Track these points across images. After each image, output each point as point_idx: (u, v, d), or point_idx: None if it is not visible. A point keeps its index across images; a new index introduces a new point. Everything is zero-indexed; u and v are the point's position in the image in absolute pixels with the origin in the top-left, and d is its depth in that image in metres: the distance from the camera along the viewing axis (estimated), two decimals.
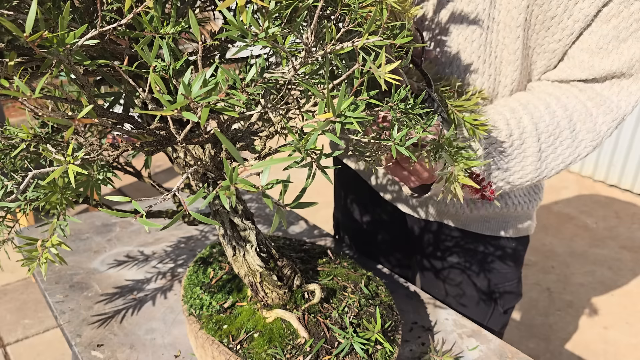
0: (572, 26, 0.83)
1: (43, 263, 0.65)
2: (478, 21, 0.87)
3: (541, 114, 0.86)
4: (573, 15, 0.82)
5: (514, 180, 0.89)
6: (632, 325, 2.50)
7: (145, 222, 0.42)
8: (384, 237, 1.28)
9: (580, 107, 0.87)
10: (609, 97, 0.87)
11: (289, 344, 0.73)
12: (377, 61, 0.51)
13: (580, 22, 0.82)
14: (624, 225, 3.41)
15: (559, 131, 0.87)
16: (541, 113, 0.86)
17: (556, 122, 0.86)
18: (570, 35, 0.84)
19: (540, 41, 0.87)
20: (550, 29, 0.85)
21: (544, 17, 0.84)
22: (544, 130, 0.86)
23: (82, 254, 1.19)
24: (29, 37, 0.38)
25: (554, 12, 0.83)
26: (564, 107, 0.87)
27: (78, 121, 0.43)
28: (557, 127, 0.86)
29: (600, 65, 0.85)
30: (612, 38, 0.82)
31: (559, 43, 0.86)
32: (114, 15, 0.52)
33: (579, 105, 0.87)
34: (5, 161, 0.69)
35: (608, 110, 0.87)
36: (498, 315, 1.18)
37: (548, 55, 0.89)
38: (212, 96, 0.43)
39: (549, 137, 0.86)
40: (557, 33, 0.85)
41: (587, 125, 0.87)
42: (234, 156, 0.44)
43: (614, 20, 0.81)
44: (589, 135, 0.88)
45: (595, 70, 0.85)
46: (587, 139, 0.88)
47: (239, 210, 0.76)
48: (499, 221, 1.11)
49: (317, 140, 0.47)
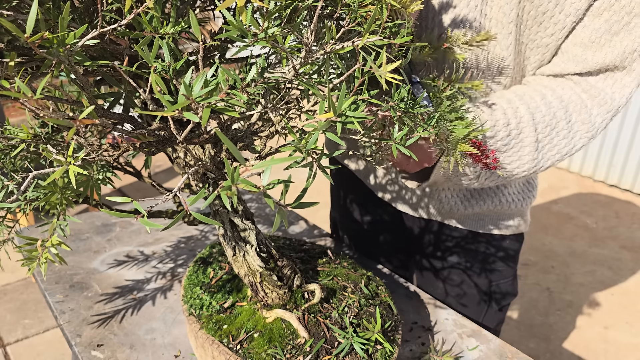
0: (564, 20, 0.84)
1: (43, 263, 0.65)
2: (469, 17, 0.87)
3: (537, 105, 0.87)
4: (565, 10, 0.83)
5: (511, 170, 0.89)
6: (632, 325, 2.50)
7: (146, 222, 0.42)
8: (383, 237, 1.28)
9: (576, 99, 0.88)
10: (603, 89, 0.88)
11: (289, 344, 0.73)
12: (377, 61, 0.51)
13: (572, 15, 0.83)
14: (624, 225, 3.41)
15: (555, 122, 0.87)
16: (537, 103, 0.87)
17: (552, 112, 0.87)
18: (562, 29, 0.85)
19: (532, 36, 0.88)
20: (543, 23, 0.85)
21: (535, 12, 0.85)
22: (540, 120, 0.86)
23: (82, 254, 1.19)
24: (30, 38, 0.38)
25: (546, 7, 0.83)
26: (559, 98, 0.87)
27: (79, 122, 0.43)
28: (553, 117, 0.87)
29: (593, 58, 0.85)
30: (605, 31, 0.83)
31: (552, 37, 0.86)
32: (114, 15, 0.52)
33: (574, 96, 0.88)
34: (5, 161, 0.69)
35: (602, 102, 0.88)
36: (493, 313, 1.18)
37: (541, 50, 0.89)
38: (213, 96, 0.43)
39: (545, 127, 0.87)
40: (549, 27, 0.86)
41: (582, 116, 0.88)
42: (235, 156, 0.44)
43: (605, 14, 0.82)
44: (584, 126, 0.88)
45: (588, 63, 0.86)
46: (582, 130, 0.89)
47: (239, 210, 0.76)
48: (494, 218, 1.11)
49: (318, 140, 0.47)
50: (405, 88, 0.61)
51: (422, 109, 0.62)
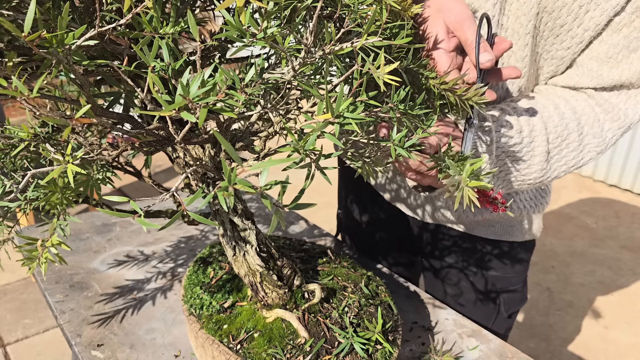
0: (581, 34, 0.82)
1: (43, 263, 0.65)
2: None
3: (550, 114, 0.85)
4: (583, 24, 0.81)
5: (521, 179, 0.88)
6: (632, 325, 2.50)
7: (143, 222, 0.42)
8: (385, 237, 1.27)
9: (589, 111, 0.86)
10: (617, 104, 0.86)
11: (289, 343, 0.73)
12: (376, 62, 0.51)
13: (590, 30, 0.81)
14: (624, 225, 3.41)
15: (567, 133, 0.85)
16: (550, 113, 0.85)
17: (565, 123, 0.85)
18: (579, 44, 0.83)
19: (548, 48, 0.86)
20: (560, 36, 0.84)
21: (553, 25, 0.83)
22: (552, 131, 0.84)
23: (82, 253, 1.19)
24: (28, 37, 0.38)
25: (564, 20, 0.82)
26: (572, 110, 0.86)
27: (76, 121, 0.43)
28: (565, 128, 0.85)
29: (609, 74, 0.83)
30: (623, 47, 0.81)
31: (568, 51, 0.85)
32: (113, 15, 0.52)
33: (588, 109, 0.86)
34: (5, 161, 0.69)
35: (616, 117, 0.86)
36: (502, 320, 1.17)
37: (556, 61, 0.87)
38: (210, 96, 0.43)
39: (556, 137, 0.85)
40: (566, 41, 0.84)
41: (594, 130, 0.86)
42: (232, 156, 0.45)
43: (625, 30, 0.80)
44: (594, 140, 0.87)
45: (604, 79, 0.84)
46: (592, 143, 0.87)
47: (239, 210, 0.76)
48: (504, 225, 1.09)
49: (316, 141, 0.47)
50: (404, 89, 0.60)
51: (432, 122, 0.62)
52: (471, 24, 0.68)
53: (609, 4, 0.78)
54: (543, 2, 0.81)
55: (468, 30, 0.68)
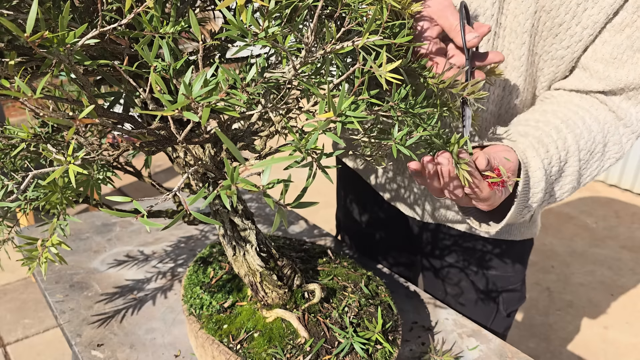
0: (580, 33, 0.82)
1: (43, 263, 0.65)
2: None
3: (581, 131, 0.84)
4: (581, 22, 0.81)
5: (550, 201, 0.86)
6: (632, 325, 2.50)
7: (146, 222, 0.42)
8: (385, 237, 1.27)
9: (610, 119, 0.86)
10: (628, 110, 0.86)
11: (289, 343, 0.73)
12: (377, 60, 0.51)
13: (589, 28, 0.81)
14: (624, 225, 3.42)
15: (594, 146, 0.85)
16: (580, 130, 0.84)
17: (593, 137, 0.84)
18: (579, 42, 0.83)
19: (547, 48, 0.86)
20: (558, 35, 0.84)
21: (551, 24, 0.83)
22: (583, 147, 0.84)
23: (82, 253, 1.19)
24: (30, 37, 0.38)
25: (562, 18, 0.82)
26: (597, 120, 0.85)
27: (79, 121, 0.43)
28: (593, 142, 0.84)
29: (616, 75, 0.83)
30: (627, 48, 0.81)
31: (567, 50, 0.85)
32: (114, 15, 0.52)
33: (608, 117, 0.86)
34: (5, 161, 0.69)
35: (629, 122, 0.86)
36: (501, 319, 1.17)
37: (556, 62, 0.87)
38: (212, 96, 0.43)
39: (586, 154, 0.85)
40: (564, 40, 0.84)
41: (614, 137, 0.86)
42: (235, 156, 0.44)
43: (627, 30, 0.80)
44: (614, 147, 0.87)
45: (611, 80, 0.84)
46: (612, 150, 0.87)
47: (239, 210, 0.76)
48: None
49: (318, 140, 0.47)
50: (405, 88, 0.61)
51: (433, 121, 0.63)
52: (453, 10, 0.71)
53: (607, 1, 0.78)
54: (541, 1, 0.82)
55: (451, 16, 0.71)
